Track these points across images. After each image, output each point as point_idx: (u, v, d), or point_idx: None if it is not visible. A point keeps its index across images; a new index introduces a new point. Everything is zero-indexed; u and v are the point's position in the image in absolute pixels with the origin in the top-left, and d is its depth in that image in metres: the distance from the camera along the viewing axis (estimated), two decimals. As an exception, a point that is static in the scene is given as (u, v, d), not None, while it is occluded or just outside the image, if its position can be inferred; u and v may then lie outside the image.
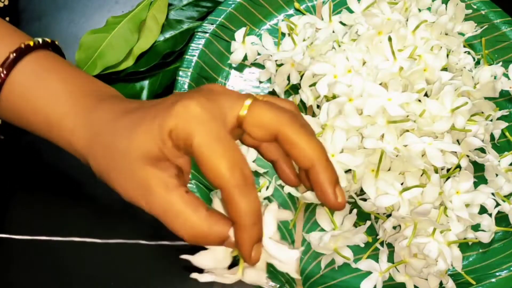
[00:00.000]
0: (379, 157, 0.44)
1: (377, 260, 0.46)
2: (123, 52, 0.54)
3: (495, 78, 0.52)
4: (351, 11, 0.55)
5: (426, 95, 0.49)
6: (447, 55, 0.52)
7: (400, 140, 0.45)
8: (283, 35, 0.55)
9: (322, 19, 0.56)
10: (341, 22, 0.56)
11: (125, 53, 0.54)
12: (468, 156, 0.48)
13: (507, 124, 0.52)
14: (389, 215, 0.46)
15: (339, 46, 0.51)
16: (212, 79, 0.54)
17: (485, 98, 0.51)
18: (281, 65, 0.52)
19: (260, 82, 0.55)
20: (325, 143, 0.44)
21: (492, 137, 0.52)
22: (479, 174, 0.50)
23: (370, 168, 0.45)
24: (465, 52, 0.54)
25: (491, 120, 0.50)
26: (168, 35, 0.57)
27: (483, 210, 0.47)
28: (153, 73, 0.55)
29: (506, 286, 0.46)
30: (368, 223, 0.46)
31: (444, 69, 0.51)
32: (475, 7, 0.57)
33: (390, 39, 0.48)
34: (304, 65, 0.50)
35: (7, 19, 0.56)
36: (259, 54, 0.54)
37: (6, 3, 0.56)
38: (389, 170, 0.46)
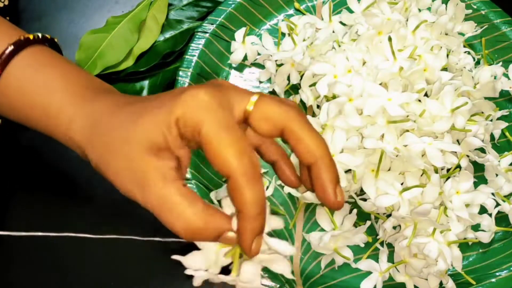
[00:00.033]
0: (379, 157, 0.44)
1: (377, 260, 0.46)
2: (123, 52, 0.54)
3: (495, 78, 0.52)
4: (351, 11, 0.55)
5: (426, 95, 0.49)
6: (447, 55, 0.52)
7: (400, 140, 0.45)
8: (283, 35, 0.55)
9: (322, 19, 0.56)
10: (341, 22, 0.56)
11: (125, 53, 0.54)
12: (468, 156, 0.48)
13: (507, 124, 0.52)
14: (389, 215, 0.46)
15: (339, 46, 0.51)
16: (212, 79, 0.54)
17: (485, 98, 0.51)
18: (281, 65, 0.52)
19: (260, 82, 0.55)
20: (324, 143, 0.44)
21: (492, 137, 0.52)
22: (479, 174, 0.50)
23: (370, 168, 0.45)
24: (465, 52, 0.54)
25: (491, 120, 0.50)
26: (168, 35, 0.57)
27: (483, 210, 0.47)
28: (153, 73, 0.55)
29: (506, 286, 0.46)
30: (368, 223, 0.46)
31: (444, 69, 0.51)
32: (475, 7, 0.57)
33: (390, 39, 0.48)
34: (304, 65, 0.50)
35: (7, 19, 0.56)
36: (259, 54, 0.54)
37: (6, 3, 0.56)
38: (389, 170, 0.46)
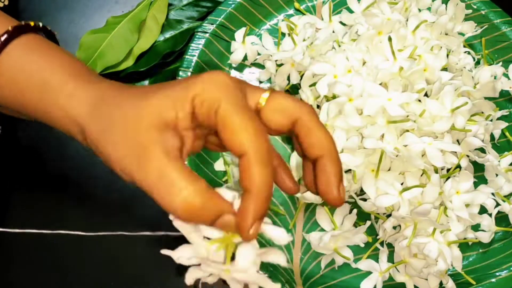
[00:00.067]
0: (379, 157, 0.44)
1: (377, 260, 0.46)
2: (123, 52, 0.54)
3: (495, 78, 0.52)
4: (351, 11, 0.55)
5: (426, 95, 0.49)
6: (447, 55, 0.52)
7: (400, 140, 0.45)
8: (283, 35, 0.55)
9: (322, 19, 0.56)
10: (341, 22, 0.56)
11: (125, 53, 0.54)
12: (468, 156, 0.48)
13: (507, 124, 0.52)
14: (389, 215, 0.46)
15: (339, 46, 0.51)
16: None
17: (485, 98, 0.51)
18: (281, 65, 0.52)
19: (260, 82, 0.55)
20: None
21: (492, 137, 0.52)
22: (479, 174, 0.50)
23: (370, 168, 0.45)
24: (465, 52, 0.54)
25: (491, 120, 0.50)
26: (168, 35, 0.57)
27: (483, 210, 0.47)
28: (153, 73, 0.55)
29: (506, 286, 0.46)
30: (368, 223, 0.46)
31: (444, 69, 0.51)
32: (475, 7, 0.57)
33: (390, 39, 0.48)
34: (304, 65, 0.50)
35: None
36: (259, 54, 0.54)
37: (6, 3, 0.56)
38: (389, 170, 0.46)
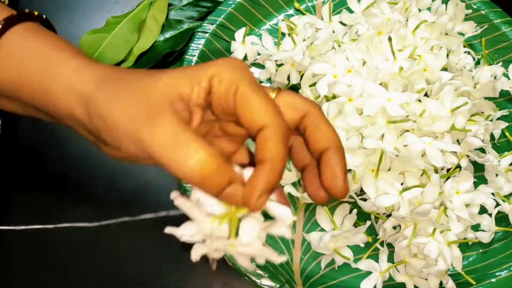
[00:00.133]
0: (379, 157, 0.44)
1: (377, 260, 0.46)
2: (123, 52, 0.54)
3: (495, 78, 0.52)
4: (351, 11, 0.55)
5: (426, 95, 0.49)
6: (447, 55, 0.52)
7: (400, 140, 0.45)
8: (283, 35, 0.55)
9: (322, 19, 0.56)
10: (341, 22, 0.56)
11: (125, 53, 0.54)
12: (468, 156, 0.48)
13: (507, 124, 0.52)
14: (389, 215, 0.46)
15: (339, 46, 0.51)
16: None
17: (485, 98, 0.51)
18: (281, 65, 0.52)
19: (260, 82, 0.55)
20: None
21: (492, 137, 0.52)
22: (479, 174, 0.50)
23: (370, 168, 0.45)
24: (465, 52, 0.54)
25: (491, 120, 0.50)
26: (168, 35, 0.57)
27: (483, 210, 0.47)
28: (153, 73, 0.55)
29: (506, 286, 0.46)
30: (368, 223, 0.46)
31: (444, 69, 0.51)
32: (475, 7, 0.57)
33: (390, 39, 0.48)
34: (304, 65, 0.50)
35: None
36: (259, 54, 0.54)
37: (6, 3, 0.56)
38: (389, 170, 0.46)
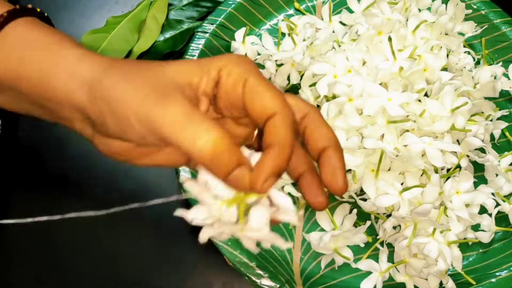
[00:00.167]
0: (379, 157, 0.44)
1: (377, 260, 0.46)
2: (123, 52, 0.54)
3: (495, 78, 0.52)
4: (351, 11, 0.55)
5: (426, 95, 0.49)
6: (447, 55, 0.52)
7: (400, 140, 0.45)
8: (283, 35, 0.55)
9: (322, 19, 0.56)
10: (341, 22, 0.56)
11: (125, 53, 0.54)
12: (468, 156, 0.48)
13: (507, 124, 0.52)
14: (389, 215, 0.46)
15: (339, 46, 0.51)
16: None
17: (485, 98, 0.51)
18: (281, 65, 0.52)
19: (260, 82, 0.55)
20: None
21: (492, 137, 0.52)
22: (479, 174, 0.50)
23: (370, 168, 0.45)
24: (465, 52, 0.54)
25: (491, 120, 0.50)
26: (168, 35, 0.56)
27: (483, 210, 0.47)
28: (153, 73, 0.55)
29: (506, 286, 0.46)
30: (368, 223, 0.46)
31: (444, 69, 0.51)
32: (475, 7, 0.57)
33: (390, 39, 0.48)
34: (304, 65, 0.50)
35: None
36: (259, 54, 0.54)
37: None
38: (389, 170, 0.46)
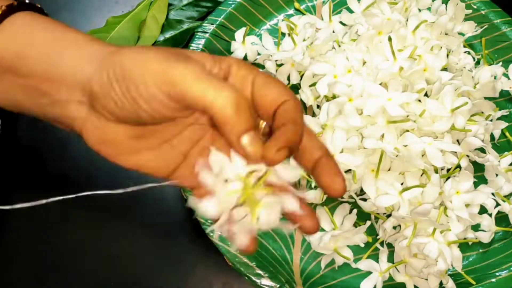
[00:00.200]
0: (379, 157, 0.44)
1: (377, 260, 0.46)
2: (123, 52, 0.54)
3: (495, 78, 0.52)
4: (351, 11, 0.55)
5: (426, 95, 0.49)
6: (447, 55, 0.52)
7: (400, 140, 0.45)
8: (283, 35, 0.55)
9: (322, 19, 0.56)
10: (341, 22, 0.56)
11: (125, 53, 0.54)
12: (468, 156, 0.48)
13: (507, 124, 0.52)
14: (389, 215, 0.46)
15: (339, 46, 0.51)
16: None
17: (485, 98, 0.51)
18: (281, 65, 0.52)
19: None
20: (325, 143, 0.44)
21: (492, 137, 0.52)
22: (479, 174, 0.50)
23: (370, 168, 0.45)
24: (465, 52, 0.54)
25: (491, 120, 0.50)
26: (168, 35, 0.56)
27: (483, 210, 0.47)
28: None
29: (506, 286, 0.46)
30: (368, 223, 0.46)
31: (444, 69, 0.51)
32: (475, 7, 0.57)
33: (390, 39, 0.48)
34: (304, 65, 0.50)
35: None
36: (259, 54, 0.54)
37: (6, 3, 0.56)
38: (389, 170, 0.46)
